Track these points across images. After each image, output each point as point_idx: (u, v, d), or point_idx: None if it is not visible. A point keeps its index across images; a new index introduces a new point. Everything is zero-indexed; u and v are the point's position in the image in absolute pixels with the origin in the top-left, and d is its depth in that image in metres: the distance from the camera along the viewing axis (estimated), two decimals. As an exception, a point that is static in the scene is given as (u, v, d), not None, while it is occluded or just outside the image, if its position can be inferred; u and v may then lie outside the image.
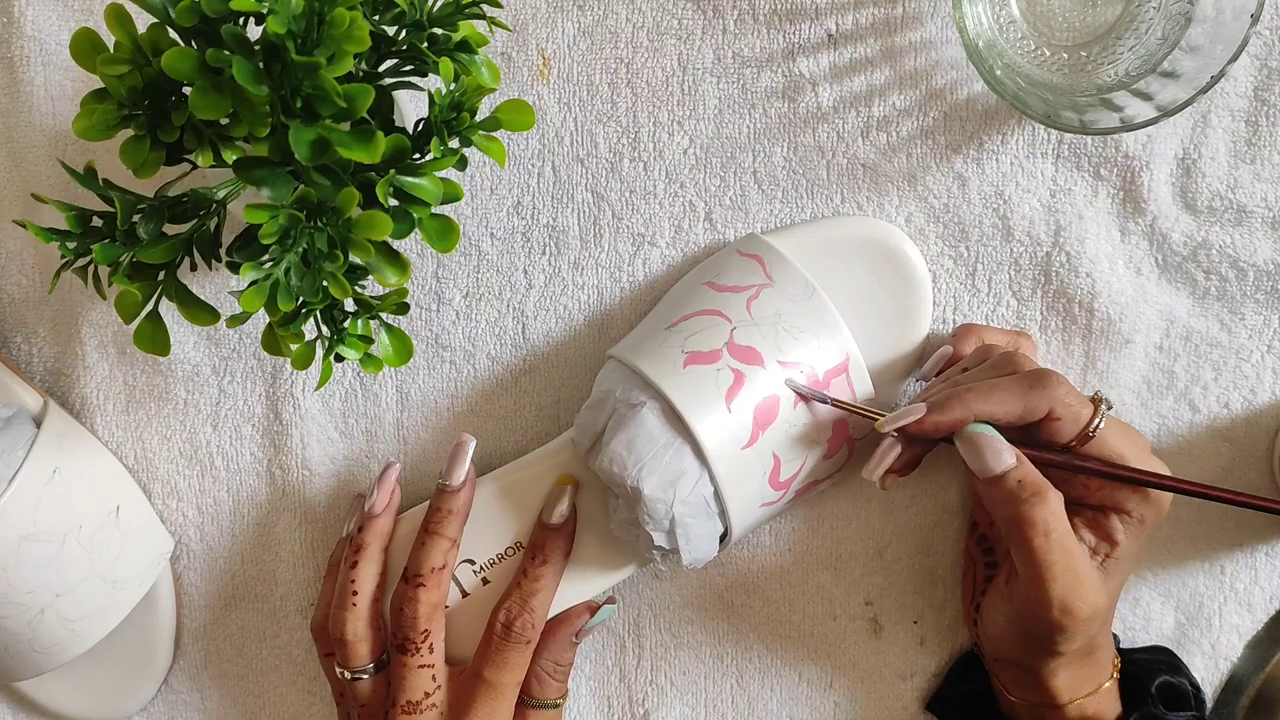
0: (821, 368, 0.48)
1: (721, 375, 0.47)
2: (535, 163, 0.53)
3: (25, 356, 0.56)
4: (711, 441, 0.46)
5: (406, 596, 0.50)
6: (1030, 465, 0.44)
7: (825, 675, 0.56)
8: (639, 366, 0.48)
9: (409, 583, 0.50)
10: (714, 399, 0.46)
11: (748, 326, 0.48)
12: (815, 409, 0.48)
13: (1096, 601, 0.44)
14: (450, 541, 0.50)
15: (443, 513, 0.50)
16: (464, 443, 0.51)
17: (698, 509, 0.47)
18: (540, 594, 0.50)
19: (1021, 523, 0.43)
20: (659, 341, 0.49)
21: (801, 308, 0.49)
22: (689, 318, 0.49)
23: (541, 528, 0.51)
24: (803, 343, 0.48)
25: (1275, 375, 0.53)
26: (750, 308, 0.48)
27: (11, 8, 0.53)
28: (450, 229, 0.43)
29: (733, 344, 0.47)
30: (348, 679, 0.51)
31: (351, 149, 0.38)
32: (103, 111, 0.39)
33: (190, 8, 0.37)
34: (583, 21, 0.52)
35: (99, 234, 0.42)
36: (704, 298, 0.50)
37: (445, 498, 0.51)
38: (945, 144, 0.52)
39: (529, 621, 0.50)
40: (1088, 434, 0.45)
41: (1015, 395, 0.44)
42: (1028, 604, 0.44)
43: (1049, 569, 0.43)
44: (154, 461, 0.56)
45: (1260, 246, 0.51)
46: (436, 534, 0.50)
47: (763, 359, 0.47)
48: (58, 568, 0.50)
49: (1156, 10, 0.49)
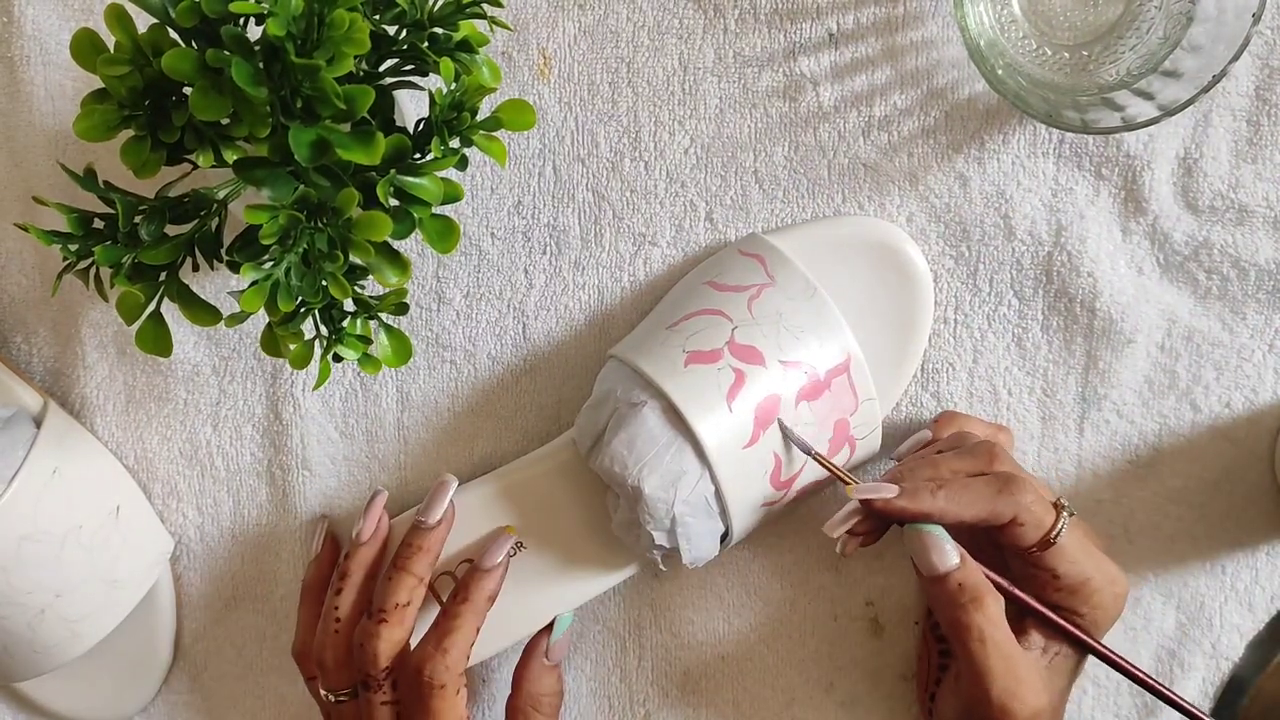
0: (823, 367, 0.48)
1: (722, 374, 0.47)
2: (536, 162, 0.53)
3: (25, 356, 0.56)
4: (712, 440, 0.46)
5: (368, 632, 0.49)
6: (973, 567, 0.45)
7: (826, 675, 0.56)
8: (640, 366, 0.48)
9: (372, 617, 0.49)
10: (715, 398, 0.46)
11: (749, 326, 0.48)
12: (817, 408, 0.48)
13: (1036, 703, 0.45)
14: (418, 580, 0.49)
15: (414, 549, 0.50)
16: (446, 482, 0.51)
17: (698, 508, 0.47)
18: (455, 634, 0.48)
19: (959, 626, 0.45)
20: (660, 341, 0.49)
21: (803, 307, 0.49)
22: (690, 317, 0.49)
23: (473, 569, 0.50)
24: (804, 342, 0.48)
25: (1277, 375, 0.53)
26: (751, 307, 0.48)
27: (11, 7, 0.53)
28: (451, 229, 0.43)
29: (734, 343, 0.47)
30: (331, 701, 0.50)
31: (351, 150, 0.38)
32: (103, 112, 0.39)
33: (190, 8, 0.37)
34: (583, 21, 0.52)
35: (100, 236, 0.42)
36: (705, 297, 0.50)
37: (419, 534, 0.50)
38: (947, 143, 0.52)
39: (441, 665, 0.47)
40: (1049, 540, 0.46)
41: (984, 499, 0.45)
42: (971, 702, 0.46)
43: (987, 673, 0.44)
44: (154, 461, 0.56)
45: (1262, 246, 0.51)
46: (405, 570, 0.49)
47: (764, 358, 0.47)
48: (57, 568, 0.50)
49: (1158, 9, 0.49)
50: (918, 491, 0.45)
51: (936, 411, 0.54)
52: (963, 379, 0.53)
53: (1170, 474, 0.54)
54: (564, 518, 0.52)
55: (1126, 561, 0.54)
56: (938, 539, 0.45)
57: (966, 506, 0.45)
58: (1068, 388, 0.53)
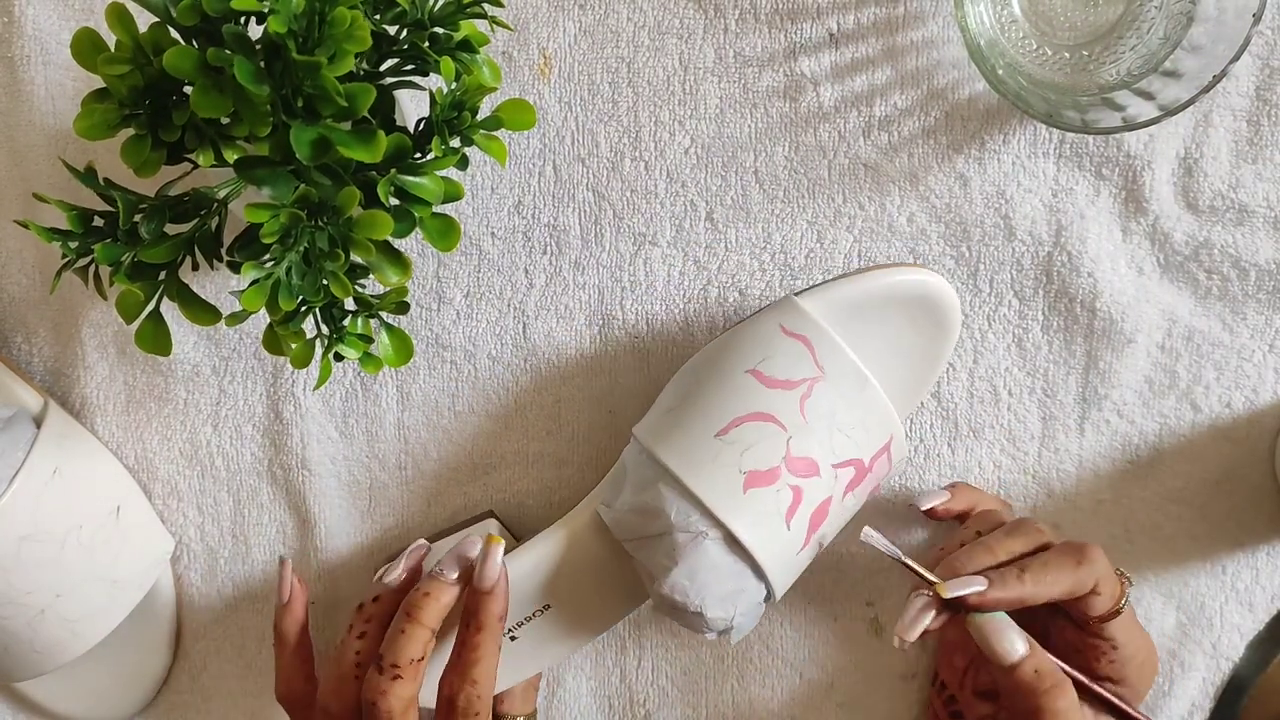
0: (868, 455, 0.48)
1: (781, 495, 0.46)
2: (536, 162, 0.53)
3: (25, 356, 0.56)
4: (773, 563, 0.46)
5: (380, 689, 0.46)
6: (1042, 653, 0.45)
7: (826, 676, 0.56)
8: (696, 491, 0.46)
9: (383, 672, 0.46)
10: (775, 523, 0.46)
11: (803, 434, 0.46)
12: (860, 492, 0.48)
13: None
14: (430, 631, 0.47)
15: (430, 599, 0.47)
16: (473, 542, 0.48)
17: (752, 612, 0.47)
18: (480, 664, 0.47)
19: (1041, 713, 0.44)
20: (711, 456, 0.46)
21: (855, 402, 0.47)
22: (740, 423, 0.47)
23: (473, 592, 0.47)
24: (854, 440, 0.47)
25: (1277, 375, 0.53)
26: (804, 409, 0.47)
27: (12, 7, 0.53)
28: (451, 228, 0.43)
29: (790, 458, 0.46)
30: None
31: (352, 148, 0.38)
32: (104, 111, 0.39)
33: (191, 7, 0.37)
34: (584, 21, 0.52)
35: (100, 234, 0.42)
36: (752, 395, 0.47)
37: (436, 585, 0.48)
38: (947, 143, 0.52)
39: (473, 694, 0.47)
40: (1117, 609, 0.46)
41: (1067, 572, 0.45)
42: None
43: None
44: (154, 461, 0.56)
45: (1262, 246, 0.51)
46: (418, 621, 0.47)
47: (819, 468, 0.46)
48: (58, 568, 0.50)
49: (1158, 10, 0.49)
50: (1005, 579, 0.45)
51: (937, 412, 0.54)
52: (963, 379, 0.53)
53: (1170, 474, 0.54)
54: (589, 582, 0.51)
55: (1127, 561, 0.54)
56: (1006, 627, 0.45)
57: (1052, 585, 0.45)
58: (1068, 388, 0.53)
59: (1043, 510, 0.54)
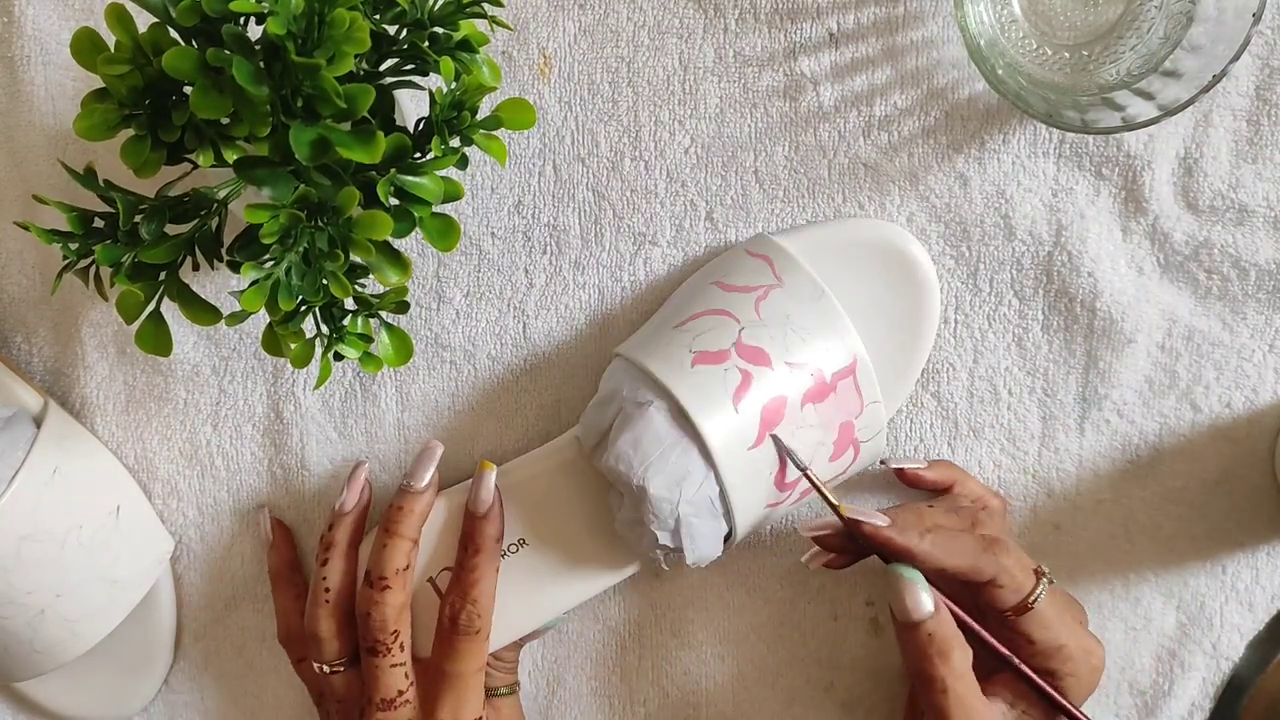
0: (829, 369, 0.48)
1: (729, 375, 0.47)
2: (536, 162, 0.53)
3: (25, 356, 0.56)
4: (718, 441, 0.46)
5: (373, 600, 0.50)
6: (947, 619, 0.46)
7: (826, 675, 0.56)
8: (646, 365, 0.48)
9: (373, 586, 0.50)
10: (721, 398, 0.46)
11: (756, 327, 0.48)
12: (822, 410, 0.48)
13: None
14: (411, 542, 0.51)
15: (404, 512, 0.51)
16: (432, 448, 0.52)
17: (703, 509, 0.47)
18: (479, 584, 0.50)
19: (924, 677, 0.45)
20: (666, 340, 0.48)
21: (810, 309, 0.49)
22: (697, 317, 0.49)
23: (469, 517, 0.51)
24: (810, 344, 0.48)
25: (1277, 375, 0.53)
26: (759, 308, 0.48)
27: (12, 7, 0.53)
28: (451, 228, 0.43)
29: (740, 344, 0.47)
30: (326, 673, 0.51)
31: (352, 149, 0.38)
32: (103, 111, 0.39)
33: (191, 7, 0.37)
34: (584, 20, 0.52)
35: (101, 235, 0.42)
36: (712, 297, 0.50)
37: (407, 498, 0.51)
38: (947, 143, 0.52)
39: (473, 613, 0.50)
40: (1026, 605, 0.47)
41: (969, 552, 0.46)
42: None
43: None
44: (154, 461, 0.56)
45: (1262, 246, 0.51)
46: (397, 534, 0.50)
47: (770, 360, 0.47)
48: (58, 568, 0.50)
49: (1158, 9, 0.49)
50: (907, 529, 0.46)
51: (937, 412, 0.54)
52: (963, 379, 0.53)
53: (1170, 474, 0.54)
54: (566, 516, 0.52)
55: (1127, 561, 0.54)
56: (916, 585, 0.46)
57: (949, 555, 0.46)
58: (1068, 387, 0.53)
59: (1043, 510, 0.54)
